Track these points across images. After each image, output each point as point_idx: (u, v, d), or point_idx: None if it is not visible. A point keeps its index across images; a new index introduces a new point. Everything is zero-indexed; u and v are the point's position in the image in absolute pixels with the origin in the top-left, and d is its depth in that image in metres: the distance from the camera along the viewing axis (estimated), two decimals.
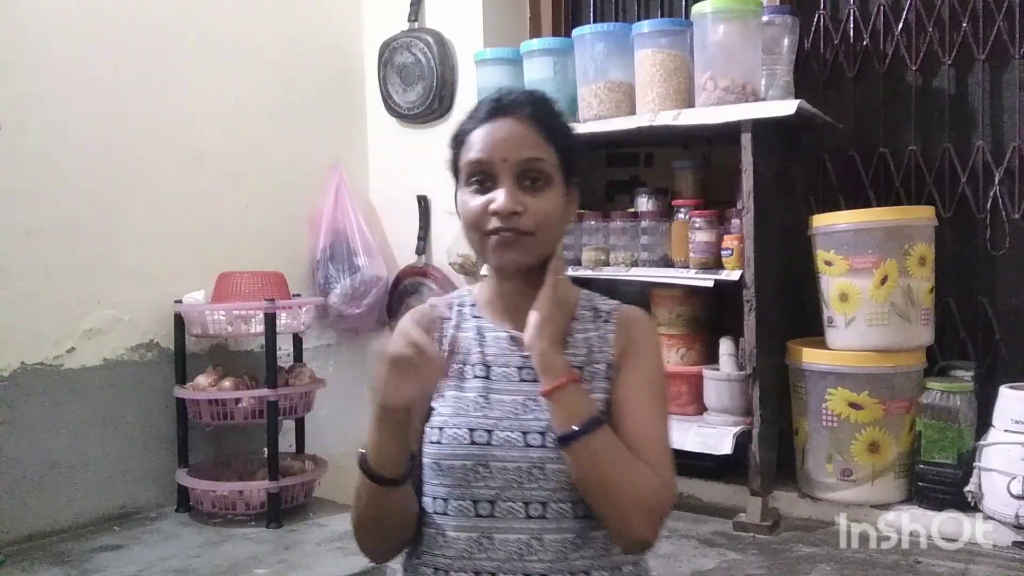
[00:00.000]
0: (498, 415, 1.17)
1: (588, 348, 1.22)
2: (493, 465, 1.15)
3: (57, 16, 2.66)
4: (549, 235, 1.19)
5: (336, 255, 3.32)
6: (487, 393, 1.20)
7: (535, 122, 1.19)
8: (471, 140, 1.19)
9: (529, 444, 1.15)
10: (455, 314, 1.28)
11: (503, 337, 1.23)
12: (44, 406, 2.60)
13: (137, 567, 2.35)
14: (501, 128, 1.18)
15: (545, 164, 1.18)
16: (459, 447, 1.16)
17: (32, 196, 2.60)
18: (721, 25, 2.54)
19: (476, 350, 1.23)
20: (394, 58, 3.43)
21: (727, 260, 2.53)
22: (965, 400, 2.34)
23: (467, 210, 1.19)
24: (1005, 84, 2.63)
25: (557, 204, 1.19)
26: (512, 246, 1.16)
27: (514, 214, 1.14)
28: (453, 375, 1.23)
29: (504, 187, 1.16)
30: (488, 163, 1.17)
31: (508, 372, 1.21)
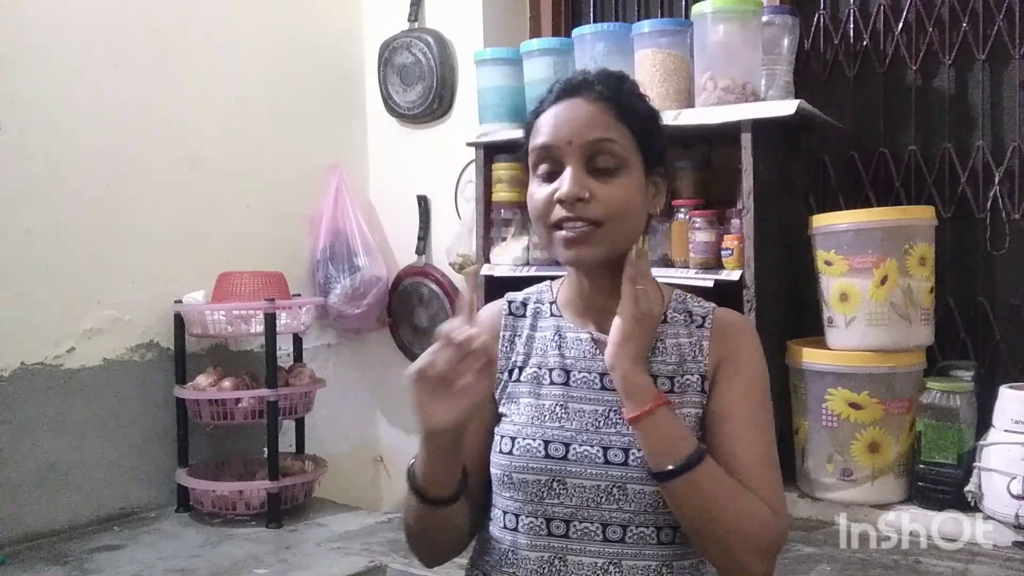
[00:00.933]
0: (577, 426, 1.07)
1: (680, 356, 1.11)
2: (569, 482, 1.05)
3: (57, 16, 2.66)
4: (623, 226, 1.08)
5: (336, 255, 3.32)
6: (566, 401, 1.10)
7: (606, 100, 1.08)
8: (538, 125, 1.11)
9: (610, 461, 1.05)
10: (531, 312, 1.19)
11: (585, 339, 1.13)
12: (44, 406, 2.60)
13: (137, 567, 2.35)
14: (568, 109, 1.08)
15: (616, 146, 1.06)
16: (532, 460, 1.07)
17: (32, 196, 2.60)
18: (721, 25, 2.54)
19: (554, 352, 1.13)
20: (394, 58, 3.43)
21: (727, 260, 2.53)
22: (965, 400, 2.33)
23: (533, 201, 1.10)
24: (1005, 84, 2.62)
25: (632, 191, 1.08)
26: (579, 241, 1.06)
27: (580, 201, 1.04)
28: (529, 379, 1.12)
29: (570, 171, 1.06)
30: (553, 147, 1.07)
31: (590, 378, 1.11)
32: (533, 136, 1.11)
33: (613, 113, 1.07)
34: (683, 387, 1.10)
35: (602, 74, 1.12)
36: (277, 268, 3.00)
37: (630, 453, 1.05)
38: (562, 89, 1.11)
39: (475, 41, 3.26)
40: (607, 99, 1.08)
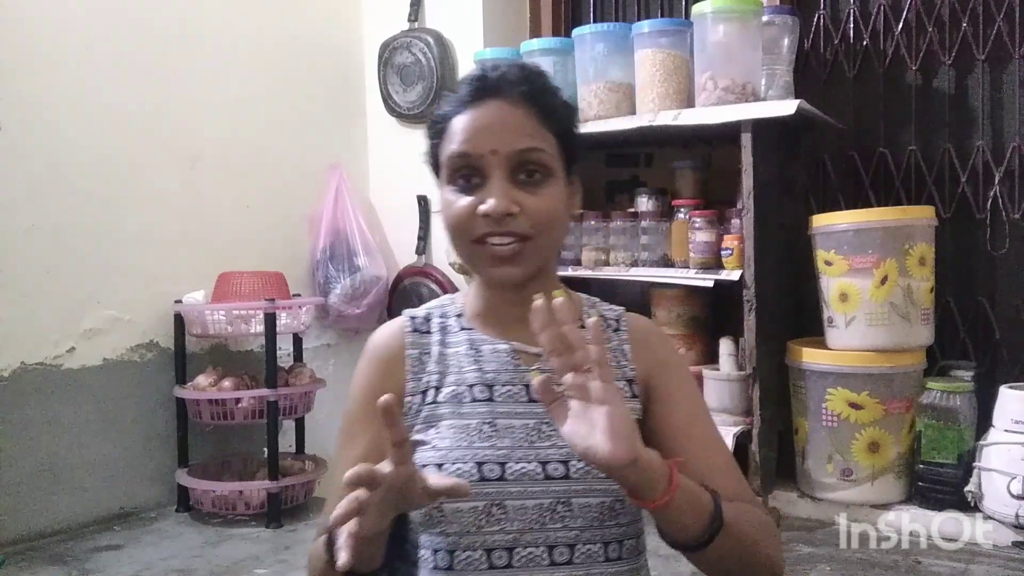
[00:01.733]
0: (510, 443, 0.99)
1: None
2: (509, 505, 0.96)
3: (57, 17, 2.66)
4: (552, 238, 1.02)
5: (336, 255, 3.32)
6: (493, 418, 1.01)
7: (530, 103, 1.00)
8: (453, 128, 1.00)
9: (550, 476, 0.97)
10: (437, 327, 1.09)
11: (504, 350, 1.05)
12: (44, 406, 2.60)
13: (137, 567, 2.35)
14: (489, 112, 0.99)
15: (544, 155, 0.99)
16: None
17: (32, 196, 2.60)
18: (721, 25, 2.54)
19: (472, 368, 1.04)
20: (394, 58, 3.43)
21: (727, 260, 2.53)
22: (965, 400, 2.33)
23: (452, 213, 1.00)
24: (1005, 84, 2.62)
25: (558, 199, 1.01)
26: (509, 259, 0.98)
27: (508, 216, 0.96)
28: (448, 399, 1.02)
29: (495, 184, 0.97)
30: (475, 156, 0.98)
31: (515, 391, 1.03)
32: (447, 140, 1.01)
33: (538, 118, 1.00)
34: None
35: (519, 70, 1.02)
36: (277, 268, 3.00)
37: (570, 465, 0.98)
38: (479, 88, 1.01)
39: (475, 41, 3.26)
40: (531, 102, 1.00)
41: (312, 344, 3.27)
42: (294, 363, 3.02)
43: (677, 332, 2.74)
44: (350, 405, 1.07)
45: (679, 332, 2.74)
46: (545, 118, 1.00)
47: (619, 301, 1.17)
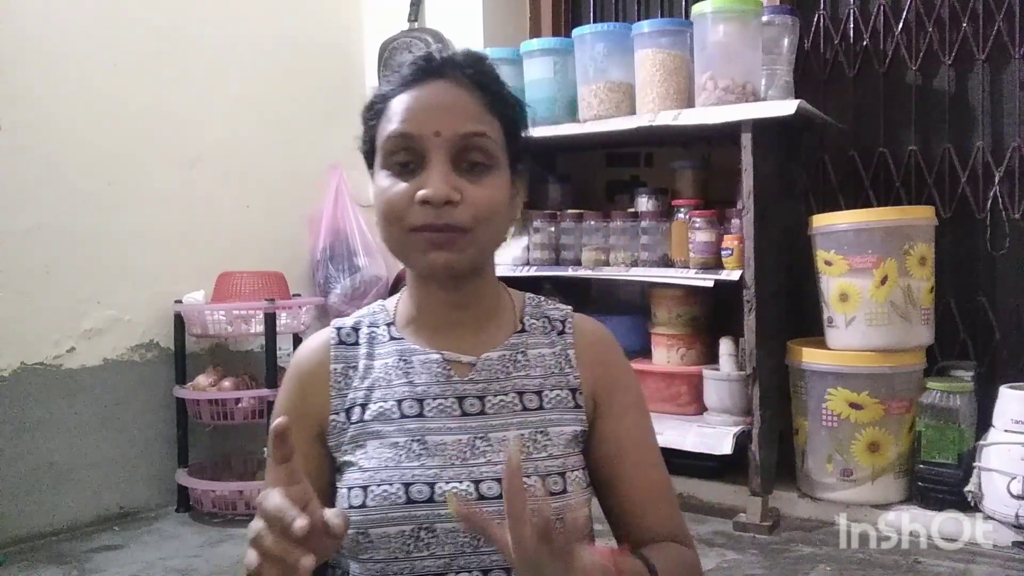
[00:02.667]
0: (440, 462, 0.91)
1: (545, 369, 0.98)
2: (439, 528, 0.89)
3: (57, 16, 2.65)
4: (491, 232, 0.93)
5: (336, 255, 3.32)
6: (423, 435, 0.93)
7: (477, 87, 0.92)
8: (392, 108, 0.92)
9: (484, 496, 0.90)
10: (365, 338, 1.00)
11: (435, 360, 0.96)
12: (44, 406, 2.60)
13: (137, 567, 2.35)
14: (433, 92, 0.91)
15: (489, 141, 0.91)
16: (393, 509, 0.89)
17: (32, 196, 2.60)
18: (721, 25, 2.54)
19: (401, 381, 0.96)
20: (394, 58, 3.43)
21: (727, 260, 2.53)
22: (965, 400, 2.34)
23: (387, 199, 0.91)
24: (1005, 84, 2.63)
25: (501, 192, 0.93)
26: (444, 245, 0.90)
27: (448, 204, 0.88)
28: (374, 416, 0.94)
29: (436, 169, 0.89)
30: (415, 137, 0.90)
31: (446, 405, 0.94)
32: (384, 121, 0.93)
33: (484, 102, 0.92)
34: (553, 403, 0.97)
35: (469, 54, 0.96)
36: (277, 268, 3.00)
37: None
38: (423, 68, 0.93)
39: (475, 41, 3.26)
40: (477, 84, 0.92)
41: None
42: None
43: (677, 332, 2.74)
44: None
45: (679, 332, 2.74)
46: (492, 104, 0.93)
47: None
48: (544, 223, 2.90)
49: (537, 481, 0.91)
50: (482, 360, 0.97)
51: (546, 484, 0.92)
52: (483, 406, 0.95)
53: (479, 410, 0.94)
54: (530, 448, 0.93)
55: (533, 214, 2.92)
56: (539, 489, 0.91)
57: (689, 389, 2.70)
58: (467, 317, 0.98)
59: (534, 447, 0.93)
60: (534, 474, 0.92)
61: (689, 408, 2.70)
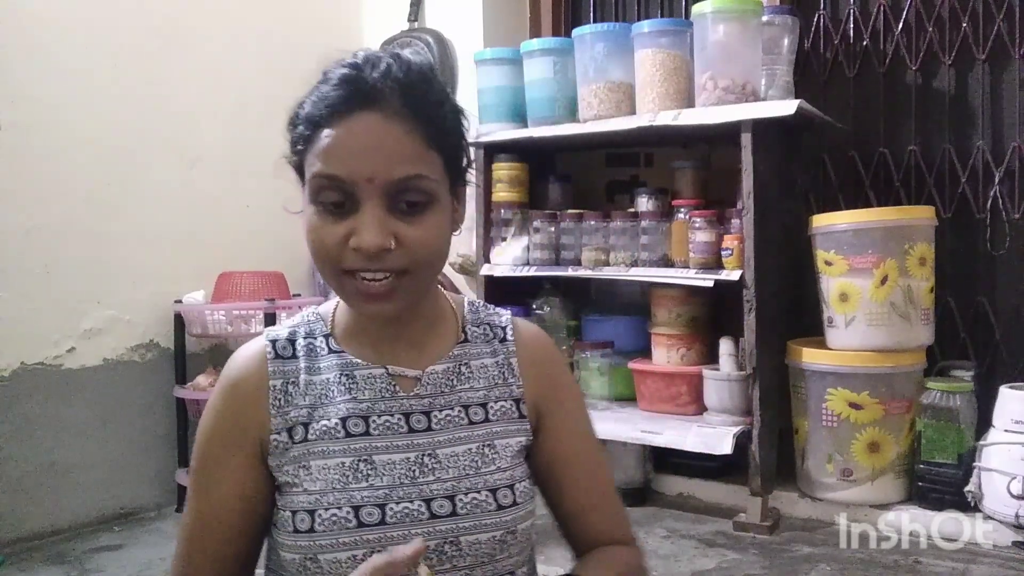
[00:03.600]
0: (388, 482, 0.88)
1: (488, 380, 0.97)
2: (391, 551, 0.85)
3: (57, 16, 2.66)
4: (431, 270, 0.90)
5: None
6: (370, 454, 0.89)
7: (414, 117, 0.85)
8: (319, 143, 0.86)
9: (435, 514, 0.88)
10: (303, 350, 0.95)
11: (379, 375, 0.93)
12: (44, 406, 2.60)
13: (137, 567, 2.35)
14: (363, 130, 0.84)
15: (427, 181, 0.85)
16: (343, 534, 0.86)
17: (32, 196, 2.60)
18: (721, 25, 2.54)
19: (344, 397, 0.92)
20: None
21: (727, 260, 2.53)
22: (965, 400, 2.34)
23: (317, 238, 0.86)
24: (1005, 84, 2.62)
25: (441, 228, 0.88)
26: (381, 297, 0.86)
27: (384, 250, 0.84)
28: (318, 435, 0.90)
29: (368, 215, 0.84)
30: (346, 182, 0.84)
31: (392, 422, 0.91)
32: (311, 153, 0.88)
33: (422, 136, 0.85)
34: (498, 415, 0.95)
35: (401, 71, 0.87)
36: (277, 268, 3.00)
37: (456, 500, 0.89)
38: (352, 94, 0.86)
39: (475, 41, 3.26)
40: (413, 115, 0.85)
41: None
42: None
43: (677, 332, 2.74)
44: (203, 444, 0.94)
45: (679, 332, 2.74)
46: (430, 134, 0.86)
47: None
48: (544, 223, 2.90)
49: (488, 496, 0.91)
50: (427, 374, 0.95)
51: (496, 498, 0.91)
52: (430, 422, 0.92)
53: (426, 426, 0.92)
54: (479, 463, 0.92)
55: (533, 214, 2.92)
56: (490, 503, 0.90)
57: (689, 389, 2.70)
58: (408, 331, 0.95)
59: (482, 461, 0.93)
60: (484, 488, 0.91)
61: (689, 408, 2.70)
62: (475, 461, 0.92)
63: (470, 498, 0.90)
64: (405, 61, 0.89)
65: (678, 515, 2.59)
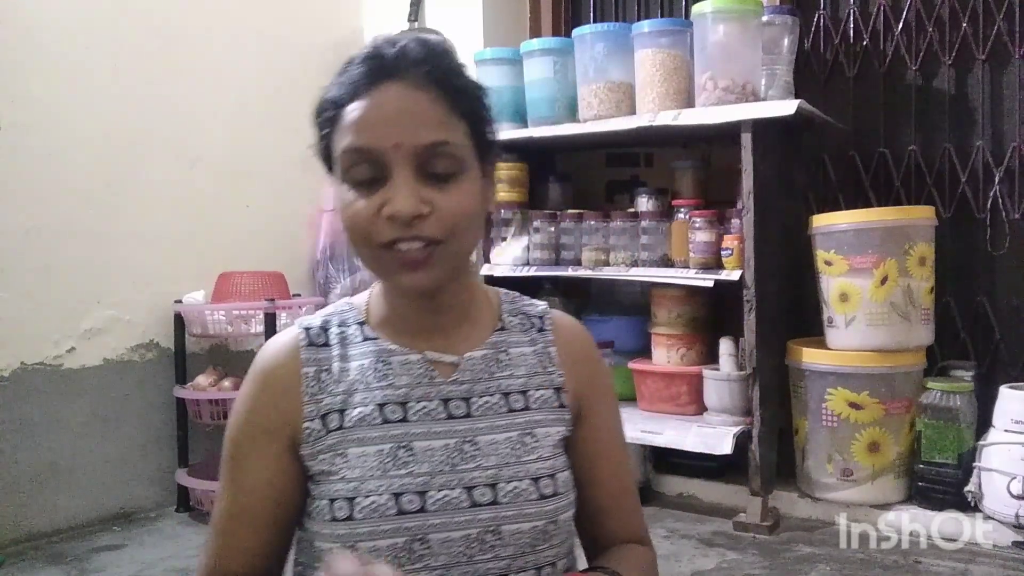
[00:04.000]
0: (429, 469, 0.87)
1: (528, 368, 0.95)
2: (433, 539, 0.85)
3: (57, 16, 2.66)
4: (466, 240, 0.88)
5: (336, 255, 3.32)
6: (409, 441, 0.88)
7: (436, 86, 0.85)
8: (345, 119, 0.87)
9: (477, 502, 0.87)
10: (336, 338, 0.95)
11: (416, 361, 0.92)
12: (44, 406, 2.60)
13: (137, 567, 2.35)
14: (388, 99, 0.85)
15: (455, 147, 0.85)
16: (383, 521, 0.85)
17: (32, 196, 2.60)
18: (721, 25, 2.54)
19: (380, 383, 0.91)
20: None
21: (727, 260, 2.53)
22: (965, 400, 2.34)
23: (351, 216, 0.86)
24: (1005, 84, 2.63)
25: (474, 196, 0.87)
26: (419, 264, 0.85)
27: (417, 218, 0.84)
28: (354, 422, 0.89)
29: (400, 182, 0.84)
30: (374, 151, 0.84)
31: (431, 408, 0.90)
32: (338, 132, 0.88)
33: (446, 104, 0.85)
34: (539, 403, 0.94)
35: (420, 46, 0.88)
36: (277, 268, 3.00)
37: (498, 488, 0.88)
38: (375, 69, 0.86)
39: (475, 41, 3.26)
40: (436, 83, 0.85)
41: None
42: None
43: (677, 332, 2.74)
44: (234, 434, 0.95)
45: (679, 332, 2.74)
46: (454, 102, 0.86)
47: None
48: (544, 223, 2.90)
49: (530, 484, 0.89)
50: (465, 360, 0.93)
51: (539, 487, 0.89)
52: (469, 408, 0.91)
53: (465, 412, 0.91)
54: (520, 451, 0.91)
55: (533, 214, 2.92)
56: (532, 493, 0.89)
57: (689, 389, 2.70)
58: (444, 318, 0.94)
59: (523, 450, 0.91)
60: (526, 477, 0.89)
61: (689, 408, 2.70)
62: (516, 449, 0.90)
63: (512, 487, 0.88)
64: (423, 38, 0.90)
65: (678, 515, 2.59)
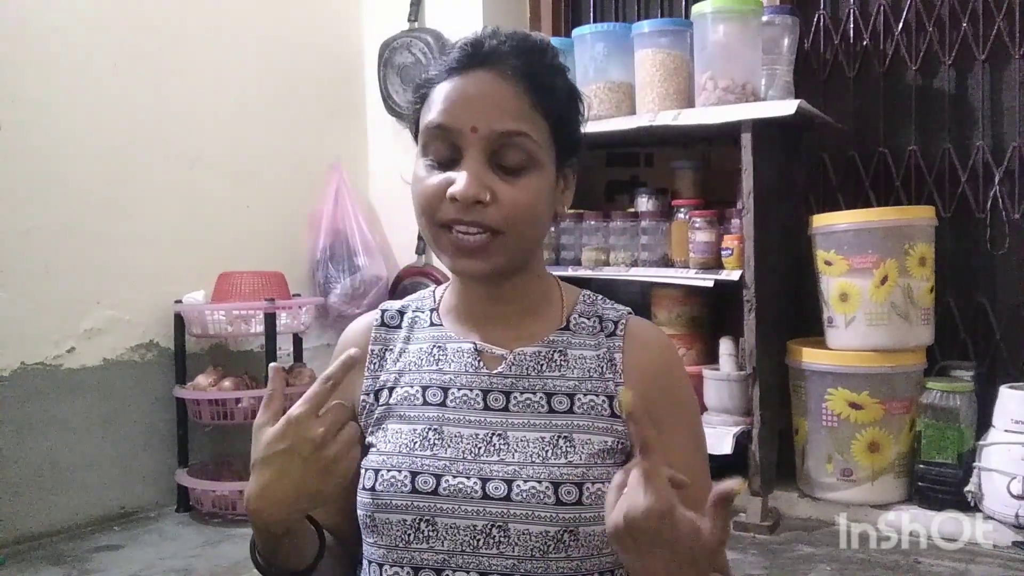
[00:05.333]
0: (451, 454, 0.89)
1: (582, 372, 0.93)
2: (440, 522, 0.87)
3: (57, 16, 2.65)
4: (525, 235, 0.89)
5: (336, 255, 3.32)
6: (441, 425, 0.90)
7: (524, 80, 0.87)
8: (434, 96, 0.89)
9: (489, 495, 0.86)
10: (407, 322, 0.99)
11: (467, 349, 0.94)
12: (44, 406, 2.60)
13: (137, 567, 2.35)
14: (475, 84, 0.87)
15: (529, 141, 0.86)
16: (397, 497, 0.88)
17: (32, 196, 2.60)
18: (721, 25, 2.55)
19: (431, 367, 0.94)
20: (394, 58, 3.43)
21: (727, 260, 2.53)
22: (965, 400, 2.34)
23: (420, 190, 0.89)
24: (1005, 84, 2.63)
25: (540, 194, 0.88)
26: (473, 252, 0.87)
27: (478, 203, 0.85)
28: (399, 400, 0.94)
29: (469, 165, 0.85)
30: (452, 131, 0.86)
31: (470, 396, 0.91)
32: (426, 108, 0.90)
33: (530, 98, 0.87)
34: (585, 408, 0.90)
35: (520, 41, 0.90)
36: (277, 268, 3.00)
37: (514, 485, 0.86)
38: (469, 55, 0.88)
39: None
40: (525, 77, 0.87)
41: (312, 344, 3.27)
42: (294, 363, 3.02)
43: (677, 332, 2.74)
44: None
45: (679, 332, 2.74)
46: (539, 99, 0.87)
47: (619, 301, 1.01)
48: None
49: (548, 488, 0.86)
50: (514, 354, 0.93)
51: (559, 493, 0.86)
52: (507, 402, 0.91)
53: (502, 406, 0.91)
54: (547, 453, 0.88)
55: None
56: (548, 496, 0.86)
57: None
58: (506, 311, 0.95)
59: (552, 452, 0.88)
60: (546, 480, 0.87)
61: None
62: (544, 450, 0.88)
63: (528, 486, 0.86)
64: (525, 34, 0.92)
65: None
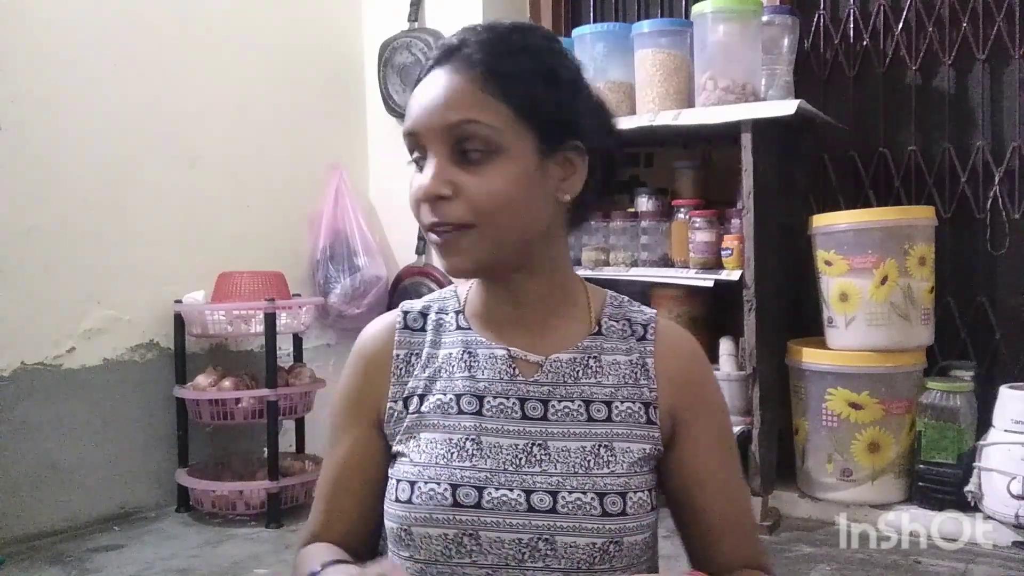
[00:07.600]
0: (492, 466, 0.86)
1: (618, 378, 0.91)
2: (484, 536, 0.84)
3: (57, 16, 2.65)
4: (504, 223, 0.85)
5: (336, 255, 3.32)
6: (478, 435, 0.88)
7: (477, 67, 0.86)
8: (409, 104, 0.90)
9: (534, 507, 0.84)
10: (432, 324, 0.96)
11: (500, 356, 0.91)
12: (44, 406, 2.60)
13: (137, 567, 2.35)
14: (431, 83, 0.87)
15: (482, 127, 0.84)
16: (437, 510, 0.85)
17: (32, 196, 2.60)
18: (721, 25, 2.55)
19: (463, 374, 0.91)
20: (394, 58, 3.43)
21: (727, 260, 2.53)
22: (965, 400, 2.34)
23: (409, 196, 0.89)
24: (1005, 84, 2.63)
25: (511, 180, 0.84)
26: (449, 249, 0.86)
27: (441, 199, 0.84)
28: (432, 408, 0.91)
29: (430, 164, 0.85)
30: (416, 134, 0.87)
31: (507, 405, 0.89)
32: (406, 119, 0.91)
33: (480, 85, 0.84)
34: (623, 416, 0.90)
35: (484, 29, 0.90)
36: (277, 268, 3.00)
37: (559, 497, 0.85)
38: (437, 56, 0.90)
39: None
40: (479, 64, 0.86)
41: (312, 344, 3.27)
42: (294, 363, 3.02)
43: None
44: (334, 404, 0.98)
45: None
46: (494, 84, 0.85)
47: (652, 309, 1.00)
48: None
49: (593, 499, 0.85)
50: (550, 361, 0.91)
51: (604, 503, 0.85)
52: (545, 411, 0.89)
53: (541, 415, 0.89)
54: (590, 463, 0.87)
55: None
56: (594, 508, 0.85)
57: None
58: (528, 314, 0.92)
59: (595, 462, 0.87)
60: (591, 491, 0.85)
61: None
62: (587, 460, 0.87)
63: (574, 498, 0.85)
64: (493, 24, 0.92)
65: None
